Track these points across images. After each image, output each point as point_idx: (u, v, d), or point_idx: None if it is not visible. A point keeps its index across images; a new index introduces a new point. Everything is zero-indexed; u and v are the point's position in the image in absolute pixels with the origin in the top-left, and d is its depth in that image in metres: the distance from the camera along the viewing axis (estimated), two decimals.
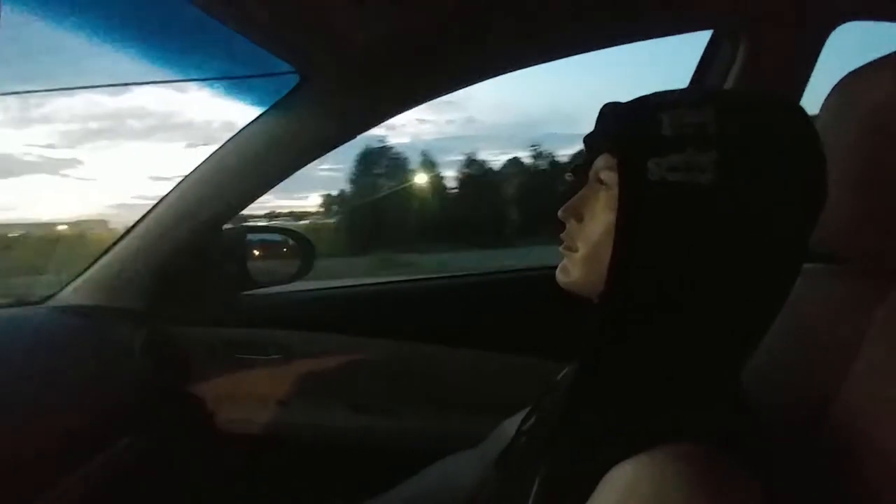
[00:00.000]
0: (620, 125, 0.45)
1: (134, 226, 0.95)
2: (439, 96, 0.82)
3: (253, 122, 0.88)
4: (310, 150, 0.88)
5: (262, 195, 0.92)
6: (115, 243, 0.96)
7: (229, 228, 1.01)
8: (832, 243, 0.49)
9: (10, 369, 0.74)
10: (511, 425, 0.70)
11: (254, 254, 1.07)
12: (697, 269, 0.40)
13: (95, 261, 0.98)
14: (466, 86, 0.81)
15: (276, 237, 1.12)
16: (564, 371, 0.65)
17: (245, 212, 1.00)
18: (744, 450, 0.36)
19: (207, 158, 0.91)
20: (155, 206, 0.94)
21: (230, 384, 1.05)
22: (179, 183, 0.93)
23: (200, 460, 1.01)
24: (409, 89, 0.83)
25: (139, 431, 0.87)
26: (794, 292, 0.42)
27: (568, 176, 0.58)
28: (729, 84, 0.89)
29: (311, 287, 1.13)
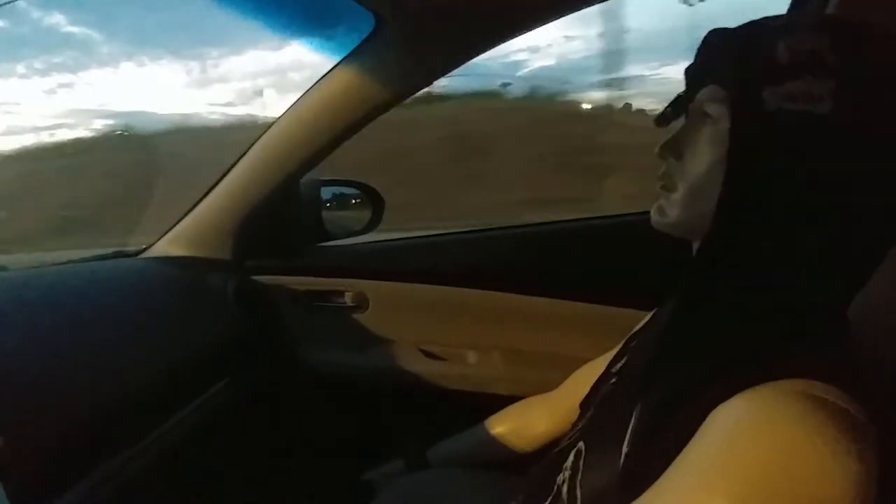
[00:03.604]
0: (732, 53, 0.42)
1: (220, 179, 0.99)
2: (522, 33, 0.79)
3: (330, 71, 0.88)
4: (388, 97, 0.87)
5: (340, 145, 0.93)
6: (203, 197, 1.01)
7: (305, 181, 1.03)
8: None
9: (114, 317, 0.79)
10: (587, 372, 0.70)
11: (327, 206, 1.11)
12: (811, 202, 0.39)
13: (186, 214, 1.03)
14: (550, 21, 0.78)
15: (349, 190, 1.14)
16: (651, 313, 0.64)
17: None
18: (853, 386, 0.36)
19: (287, 111, 0.92)
20: (238, 159, 0.97)
21: (310, 330, 1.11)
22: (260, 136, 0.95)
23: (289, 401, 1.08)
24: (488, 28, 0.80)
25: (235, 374, 0.93)
26: None
27: (667, 110, 0.56)
28: (829, 10, 0.81)
29: (384, 238, 1.15)
